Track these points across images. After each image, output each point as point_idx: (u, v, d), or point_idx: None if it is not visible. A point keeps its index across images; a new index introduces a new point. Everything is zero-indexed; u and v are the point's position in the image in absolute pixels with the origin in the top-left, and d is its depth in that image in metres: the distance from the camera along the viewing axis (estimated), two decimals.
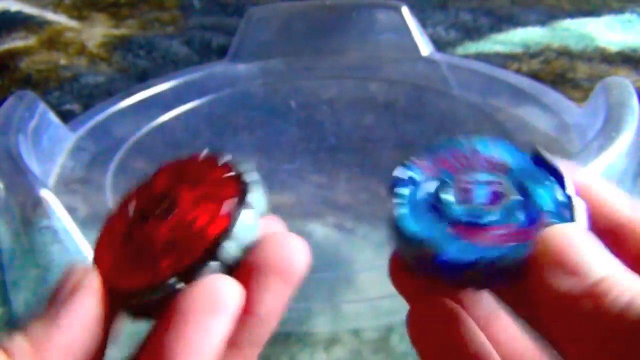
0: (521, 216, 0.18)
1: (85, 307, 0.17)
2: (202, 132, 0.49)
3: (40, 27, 0.77)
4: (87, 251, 0.32)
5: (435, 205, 0.19)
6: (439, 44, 0.66)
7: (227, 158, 0.20)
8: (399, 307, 0.31)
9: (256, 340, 0.18)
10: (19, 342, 0.16)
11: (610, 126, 0.36)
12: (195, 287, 0.17)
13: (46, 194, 0.32)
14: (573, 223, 0.17)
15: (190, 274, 0.17)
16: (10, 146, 0.38)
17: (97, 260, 0.19)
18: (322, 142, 0.47)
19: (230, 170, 0.19)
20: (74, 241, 0.32)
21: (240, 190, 0.18)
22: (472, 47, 0.67)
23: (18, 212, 0.32)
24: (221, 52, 0.68)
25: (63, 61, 0.69)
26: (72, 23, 0.81)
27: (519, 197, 0.19)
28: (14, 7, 0.83)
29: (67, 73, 0.66)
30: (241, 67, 0.58)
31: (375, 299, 0.31)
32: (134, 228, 0.18)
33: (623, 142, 0.35)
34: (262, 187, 0.19)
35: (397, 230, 0.19)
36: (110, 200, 0.42)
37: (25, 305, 0.36)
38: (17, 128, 0.40)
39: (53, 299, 0.17)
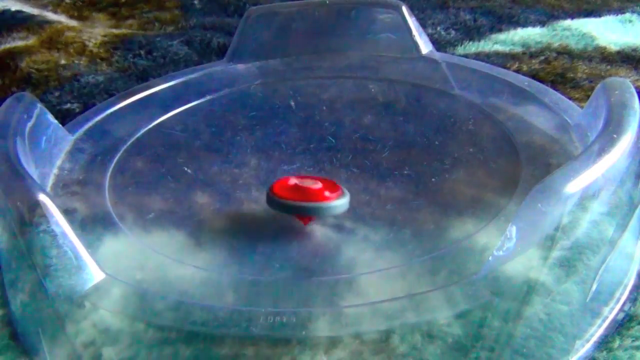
0: None
1: None
2: (201, 132, 0.49)
3: (40, 27, 0.77)
4: (85, 255, 0.32)
5: None
6: (439, 44, 0.66)
7: None
8: (401, 310, 0.31)
9: None
10: None
11: (612, 127, 0.36)
12: None
13: (44, 198, 0.32)
14: None
15: None
16: (8, 149, 0.38)
17: None
18: (321, 142, 0.47)
19: None
20: (72, 245, 0.32)
21: None
22: (472, 47, 0.67)
23: (15, 216, 0.32)
24: (221, 52, 0.68)
25: (63, 61, 0.69)
26: (72, 23, 0.80)
27: None
28: (14, 7, 0.83)
29: (67, 73, 0.66)
30: (240, 67, 0.58)
31: (376, 302, 0.31)
32: None
33: (624, 143, 0.34)
34: None
35: None
36: (109, 201, 0.41)
37: (22, 307, 0.36)
38: (15, 130, 0.40)
39: None
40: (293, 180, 0.38)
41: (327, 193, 0.37)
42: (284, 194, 0.37)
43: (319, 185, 0.38)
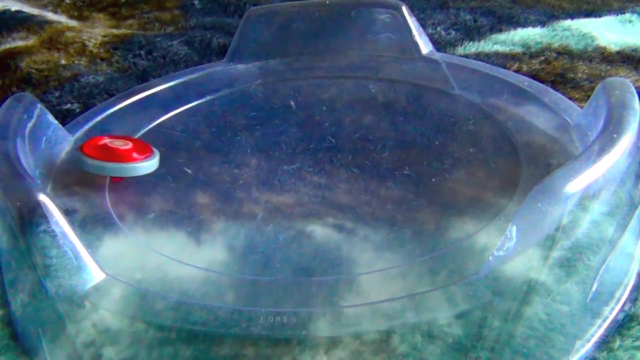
0: None
1: None
2: (201, 132, 0.49)
3: (40, 27, 0.77)
4: (85, 255, 0.32)
5: None
6: (439, 44, 0.66)
7: None
8: (401, 310, 0.31)
9: None
10: None
11: (612, 127, 0.36)
12: None
13: (44, 198, 0.32)
14: None
15: None
16: (8, 149, 0.38)
17: None
18: (321, 142, 0.47)
19: None
20: (72, 245, 0.32)
21: None
22: (472, 47, 0.67)
23: (15, 216, 0.32)
24: (221, 52, 0.68)
25: (63, 61, 0.69)
26: (72, 23, 0.80)
27: None
28: (14, 7, 0.83)
29: (67, 73, 0.66)
30: (240, 67, 0.58)
31: (376, 302, 0.31)
32: None
33: (624, 143, 0.34)
34: None
35: None
36: (109, 201, 0.41)
37: (22, 307, 0.36)
38: (15, 130, 0.40)
39: None
40: (103, 140, 0.39)
41: (135, 154, 0.38)
42: (93, 154, 0.37)
43: (128, 145, 0.38)
